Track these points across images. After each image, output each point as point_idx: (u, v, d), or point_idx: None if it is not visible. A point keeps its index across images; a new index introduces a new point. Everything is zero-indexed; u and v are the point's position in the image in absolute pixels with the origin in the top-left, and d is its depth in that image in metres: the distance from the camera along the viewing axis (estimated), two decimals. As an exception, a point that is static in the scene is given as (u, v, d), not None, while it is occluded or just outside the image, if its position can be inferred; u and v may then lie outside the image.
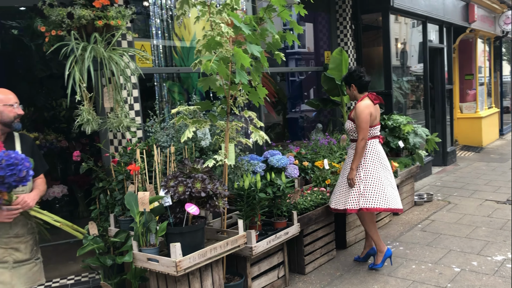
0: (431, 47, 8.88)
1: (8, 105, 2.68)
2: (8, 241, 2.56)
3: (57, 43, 3.65)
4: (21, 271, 2.61)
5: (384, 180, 4.19)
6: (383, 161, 4.27)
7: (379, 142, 4.32)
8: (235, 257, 3.69)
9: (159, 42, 4.91)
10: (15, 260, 2.58)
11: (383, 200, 4.12)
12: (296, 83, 7.84)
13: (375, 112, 4.23)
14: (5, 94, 2.72)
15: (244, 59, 3.27)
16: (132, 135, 3.96)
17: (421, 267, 4.31)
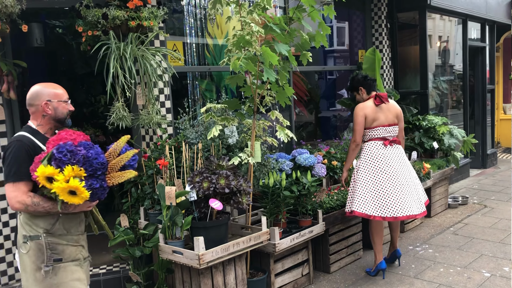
0: (472, 46, 8.63)
1: (62, 101, 2.58)
2: (77, 239, 2.54)
3: (93, 43, 3.83)
4: (86, 267, 2.61)
5: (380, 185, 3.97)
6: (383, 165, 4.01)
7: (384, 144, 4.06)
8: (259, 253, 3.75)
9: (192, 40, 5.02)
10: (83, 257, 2.59)
11: (372, 207, 3.96)
12: (329, 82, 7.81)
13: (373, 114, 4.05)
14: (60, 89, 2.61)
15: (272, 58, 3.33)
16: (163, 132, 4.09)
17: (449, 271, 4.24)
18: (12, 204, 2.33)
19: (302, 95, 6.81)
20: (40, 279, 2.40)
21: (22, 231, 2.43)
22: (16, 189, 2.32)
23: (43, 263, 2.40)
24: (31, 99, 2.52)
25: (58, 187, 2.13)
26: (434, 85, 7.94)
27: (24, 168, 2.32)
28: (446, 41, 8.46)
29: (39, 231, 2.41)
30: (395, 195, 3.95)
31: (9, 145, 2.40)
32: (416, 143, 6.33)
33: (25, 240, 2.41)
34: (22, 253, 2.42)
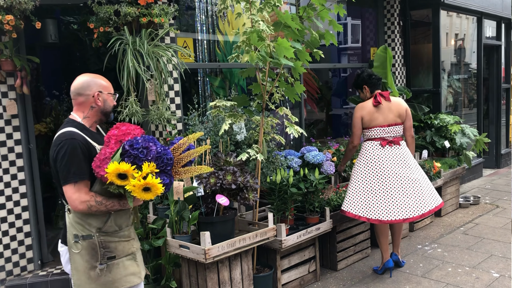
0: (487, 44, 8.53)
1: (111, 94, 2.51)
2: (128, 233, 2.48)
3: (105, 39, 3.88)
4: (139, 258, 2.55)
5: (370, 187, 3.94)
6: (377, 166, 3.96)
7: (382, 145, 3.99)
8: (266, 249, 3.78)
9: (203, 37, 5.06)
10: (136, 248, 2.53)
11: (360, 207, 3.95)
12: (341, 80, 7.79)
13: (371, 114, 4.00)
14: (108, 82, 2.51)
15: (287, 50, 3.34)
16: (172, 127, 4.13)
17: (457, 270, 4.22)
18: (75, 206, 2.27)
19: (313, 92, 6.81)
20: (95, 277, 2.35)
21: (73, 230, 2.36)
22: (78, 189, 2.25)
23: (97, 261, 2.35)
24: (81, 88, 2.42)
25: (136, 184, 2.08)
26: (447, 83, 7.87)
27: (82, 167, 2.26)
28: (462, 39, 8.37)
29: (92, 231, 2.35)
30: (384, 198, 3.90)
31: (60, 143, 2.28)
32: (428, 142, 6.29)
33: (76, 240, 2.35)
34: (74, 252, 2.36)
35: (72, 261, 2.38)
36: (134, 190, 2.10)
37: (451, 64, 8.21)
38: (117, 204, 2.30)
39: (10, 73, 3.85)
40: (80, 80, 2.44)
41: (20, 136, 3.97)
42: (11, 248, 3.97)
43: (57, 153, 2.28)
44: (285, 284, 3.84)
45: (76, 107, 2.45)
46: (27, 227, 4.05)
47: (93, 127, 2.48)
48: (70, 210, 2.37)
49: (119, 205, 2.31)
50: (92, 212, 2.31)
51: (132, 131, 2.25)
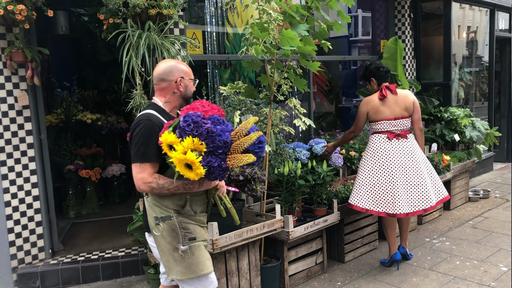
0: (499, 37, 8.42)
1: (192, 79, 2.52)
2: (204, 219, 2.50)
3: (114, 30, 3.90)
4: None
5: (377, 180, 3.93)
6: (384, 159, 3.94)
7: (389, 138, 3.96)
8: (274, 241, 3.80)
9: (212, 29, 5.06)
10: (207, 239, 2.55)
11: (367, 201, 3.95)
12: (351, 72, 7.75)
13: (376, 108, 3.96)
14: (189, 68, 2.52)
15: (293, 40, 3.33)
16: (181, 119, 4.15)
17: (465, 264, 4.21)
18: (138, 186, 2.30)
19: (322, 85, 6.79)
20: (179, 259, 2.37)
21: (152, 213, 2.39)
22: (143, 170, 2.27)
23: (179, 243, 2.37)
24: (164, 74, 2.45)
25: (175, 157, 2.05)
26: (458, 76, 7.80)
27: (152, 148, 2.27)
28: (474, 32, 8.27)
29: (170, 212, 2.37)
30: (391, 192, 3.89)
31: (137, 123, 2.32)
32: (437, 135, 6.25)
33: (157, 222, 2.37)
34: (156, 235, 2.38)
35: (158, 244, 2.42)
36: (176, 163, 2.07)
37: (463, 57, 8.13)
38: (181, 187, 2.29)
39: (21, 64, 3.89)
40: (163, 66, 2.47)
41: (31, 127, 4.02)
42: (23, 237, 4.04)
43: (132, 131, 2.33)
44: (292, 275, 3.86)
45: (158, 92, 2.49)
46: (38, 216, 4.12)
47: (173, 112, 2.50)
48: (147, 195, 2.42)
49: (183, 189, 2.30)
50: (156, 194, 2.33)
51: (202, 108, 2.20)
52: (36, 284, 3.98)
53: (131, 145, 2.34)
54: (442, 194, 4.11)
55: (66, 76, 6.61)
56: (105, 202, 6.25)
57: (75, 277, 4.07)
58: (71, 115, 5.88)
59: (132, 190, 6.43)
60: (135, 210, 3.89)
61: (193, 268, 2.39)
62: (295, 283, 3.90)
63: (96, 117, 6.02)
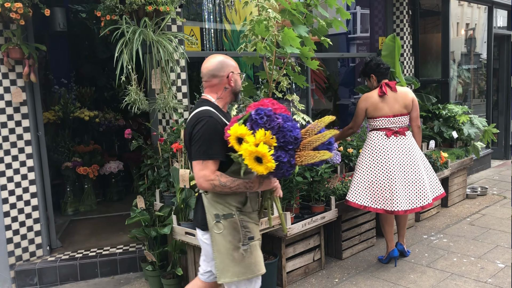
0: (497, 34, 8.42)
1: (240, 74, 2.50)
2: (256, 217, 2.47)
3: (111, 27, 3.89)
4: None
5: (375, 177, 3.93)
6: (381, 156, 3.93)
7: (387, 135, 3.95)
8: (271, 238, 3.81)
9: (210, 26, 5.05)
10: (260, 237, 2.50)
11: (365, 197, 3.95)
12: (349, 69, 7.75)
13: (375, 105, 3.96)
14: (235, 62, 2.50)
15: (293, 40, 3.33)
16: (178, 116, 4.15)
17: (462, 261, 4.22)
18: (200, 183, 2.27)
19: (321, 82, 6.79)
20: (239, 259, 2.32)
21: (213, 210, 2.34)
22: (205, 167, 2.25)
23: (240, 242, 2.32)
24: (216, 69, 2.41)
25: (246, 149, 2.05)
26: (456, 74, 7.80)
27: (215, 145, 2.25)
28: (472, 29, 8.27)
29: (232, 209, 2.33)
30: (388, 188, 3.89)
31: (198, 120, 2.28)
32: (435, 132, 6.26)
33: (217, 220, 2.32)
34: (216, 233, 2.33)
35: (214, 244, 2.35)
36: (246, 156, 2.06)
37: (461, 54, 8.13)
38: (242, 186, 2.28)
39: (18, 61, 3.88)
40: (214, 61, 2.44)
41: (29, 124, 4.02)
42: (20, 234, 4.04)
43: (193, 128, 2.29)
44: (290, 272, 3.87)
45: (209, 89, 2.45)
46: (36, 213, 4.11)
47: (225, 108, 2.48)
48: (206, 191, 2.36)
49: (244, 188, 2.28)
50: (217, 192, 2.29)
51: (272, 106, 2.22)
52: (33, 281, 3.98)
53: (191, 142, 2.29)
54: (438, 191, 4.12)
55: (63, 73, 6.60)
56: (103, 199, 6.25)
57: (73, 274, 4.07)
58: (68, 112, 5.87)
59: (129, 187, 6.44)
60: (133, 208, 3.89)
61: (252, 268, 2.35)
62: (293, 279, 3.91)
63: (93, 114, 6.02)
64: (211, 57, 2.47)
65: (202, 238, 2.45)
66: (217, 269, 2.35)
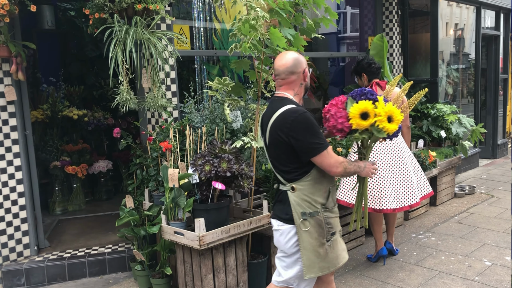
0: (485, 35, 8.50)
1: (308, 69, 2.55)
2: (336, 210, 2.55)
3: (100, 25, 3.86)
4: None
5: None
6: (373, 155, 3.96)
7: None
8: (261, 236, 3.81)
9: (200, 25, 5.04)
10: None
11: (344, 194, 4.04)
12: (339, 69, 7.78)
13: None
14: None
15: (280, 40, 3.33)
16: (168, 115, 4.14)
17: (450, 259, 4.26)
18: (335, 170, 2.33)
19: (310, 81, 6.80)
20: (324, 255, 2.42)
21: (299, 208, 2.40)
22: (331, 154, 2.34)
23: (324, 238, 2.41)
24: (293, 66, 2.45)
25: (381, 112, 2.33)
26: (445, 73, 7.86)
27: (322, 135, 2.37)
28: (461, 29, 8.34)
29: (318, 207, 2.41)
30: (376, 187, 3.92)
31: (296, 118, 2.33)
32: (424, 132, 6.30)
33: (304, 218, 2.39)
34: (302, 231, 2.40)
35: (301, 241, 2.42)
36: (381, 120, 2.33)
37: (450, 54, 8.20)
38: (353, 168, 2.42)
39: (6, 59, 3.84)
40: (290, 58, 2.47)
41: (16, 123, 3.98)
42: (7, 234, 4.00)
43: (295, 126, 2.33)
44: (279, 271, 3.87)
45: (286, 86, 2.49)
46: (23, 213, 4.07)
47: (300, 103, 2.53)
48: (293, 189, 2.41)
49: (353, 168, 2.42)
50: (345, 175, 2.39)
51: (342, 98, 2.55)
52: (21, 282, 3.94)
53: (299, 141, 2.33)
54: (426, 190, 4.17)
55: (52, 71, 6.53)
56: (92, 199, 6.20)
57: (61, 274, 4.04)
58: (57, 110, 5.82)
59: (119, 186, 6.40)
60: (122, 207, 3.87)
61: (334, 261, 2.47)
62: (282, 278, 3.92)
63: (82, 112, 5.97)
64: (284, 54, 2.51)
65: (277, 228, 2.54)
66: (304, 265, 2.44)
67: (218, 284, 3.31)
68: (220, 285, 3.32)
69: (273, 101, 2.52)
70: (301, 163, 2.42)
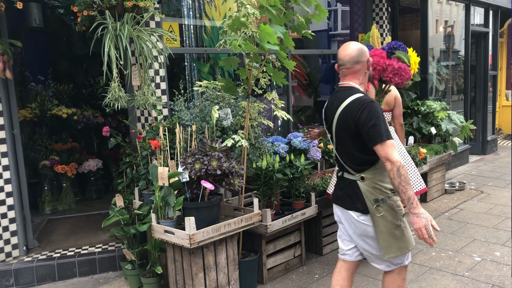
0: (475, 31, 8.55)
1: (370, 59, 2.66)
2: None
3: (89, 23, 3.82)
4: None
5: None
6: None
7: None
8: (252, 235, 3.80)
9: (190, 22, 5.01)
10: None
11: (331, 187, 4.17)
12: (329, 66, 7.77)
13: None
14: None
15: (270, 36, 3.31)
16: (158, 113, 4.11)
17: (440, 255, 4.28)
18: (396, 159, 2.34)
19: (301, 78, 6.80)
20: (400, 236, 2.54)
21: (371, 196, 2.51)
22: (392, 144, 2.37)
23: (398, 220, 2.53)
24: (358, 56, 2.52)
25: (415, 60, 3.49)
26: (435, 70, 7.89)
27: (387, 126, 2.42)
28: (451, 26, 8.37)
29: (388, 192, 2.51)
30: None
31: (365, 106, 2.39)
32: (414, 128, 6.33)
33: (377, 204, 2.49)
34: (377, 216, 2.50)
35: (376, 226, 2.54)
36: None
37: (440, 51, 8.23)
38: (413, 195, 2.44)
39: (-8, 57, 3.79)
40: (355, 48, 2.53)
41: (3, 122, 3.93)
42: (-4, 234, 3.95)
43: (360, 114, 2.39)
44: (271, 269, 3.87)
45: (352, 75, 2.55)
46: (11, 213, 4.03)
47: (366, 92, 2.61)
48: (363, 178, 2.52)
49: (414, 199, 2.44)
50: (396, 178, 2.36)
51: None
52: (9, 282, 3.90)
53: (365, 128, 2.38)
54: (419, 186, 4.18)
55: (40, 69, 6.46)
56: (82, 198, 6.16)
57: (50, 274, 4.00)
58: (46, 109, 5.76)
59: (109, 185, 6.36)
60: (112, 206, 3.84)
61: (409, 241, 2.59)
62: (274, 276, 3.91)
63: (71, 111, 5.91)
64: (349, 45, 2.56)
65: (359, 219, 2.58)
66: (383, 247, 2.55)
67: (209, 282, 3.29)
68: (211, 283, 3.31)
69: (340, 91, 2.58)
70: (369, 152, 2.47)
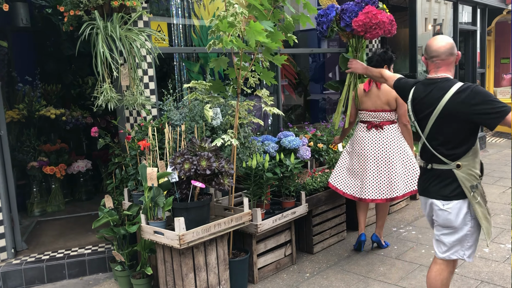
0: (463, 30, 8.61)
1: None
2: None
3: (76, 23, 3.79)
4: None
5: (350, 164, 4.26)
6: (358, 147, 4.19)
7: (367, 128, 4.15)
8: (242, 234, 3.79)
9: (178, 21, 4.98)
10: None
11: (341, 182, 4.30)
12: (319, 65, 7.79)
13: (360, 98, 4.20)
14: None
15: (259, 34, 3.29)
16: (147, 113, 4.09)
17: (430, 252, 4.31)
18: None
19: (291, 77, 6.80)
20: (490, 220, 2.67)
21: (468, 183, 2.59)
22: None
23: (485, 205, 2.66)
24: (452, 48, 2.64)
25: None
26: (424, 68, 7.93)
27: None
28: (439, 24, 8.42)
29: (478, 178, 2.63)
30: (360, 177, 4.18)
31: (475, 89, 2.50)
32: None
33: (473, 190, 2.59)
34: (475, 202, 2.60)
35: (476, 212, 2.63)
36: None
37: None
38: None
39: (-22, 58, 3.74)
40: (448, 41, 2.66)
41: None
42: (-17, 237, 3.91)
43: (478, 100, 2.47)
44: (261, 268, 3.87)
45: (445, 67, 2.67)
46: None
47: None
48: (459, 166, 2.60)
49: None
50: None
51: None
52: (-2, 285, 3.86)
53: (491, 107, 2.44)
54: (412, 187, 4.16)
55: (28, 70, 6.39)
56: (71, 199, 6.11)
57: (39, 276, 3.97)
58: (34, 110, 5.70)
59: (99, 186, 6.31)
60: (101, 207, 3.81)
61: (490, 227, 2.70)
62: (264, 275, 3.91)
63: (60, 112, 5.86)
64: (440, 38, 2.68)
65: (444, 208, 2.67)
66: (485, 233, 2.67)
67: (199, 283, 3.28)
68: (202, 284, 3.30)
69: (437, 83, 2.65)
70: (469, 140, 2.59)
